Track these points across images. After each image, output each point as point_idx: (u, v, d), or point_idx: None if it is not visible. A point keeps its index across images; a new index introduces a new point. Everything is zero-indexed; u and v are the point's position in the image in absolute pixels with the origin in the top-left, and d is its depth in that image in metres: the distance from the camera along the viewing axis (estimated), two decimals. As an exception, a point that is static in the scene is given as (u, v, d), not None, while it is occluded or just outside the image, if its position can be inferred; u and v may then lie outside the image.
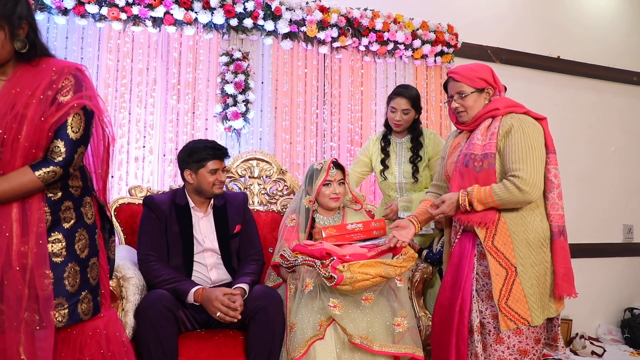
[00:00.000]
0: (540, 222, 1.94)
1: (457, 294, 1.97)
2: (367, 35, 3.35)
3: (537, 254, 1.91)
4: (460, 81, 2.02)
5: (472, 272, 1.97)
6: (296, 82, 3.27)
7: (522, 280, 1.87)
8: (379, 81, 3.50)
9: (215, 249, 2.34)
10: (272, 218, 2.82)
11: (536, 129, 1.94)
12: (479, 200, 1.89)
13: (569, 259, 1.94)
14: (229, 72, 3.05)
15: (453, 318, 1.96)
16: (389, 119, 2.75)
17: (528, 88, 4.04)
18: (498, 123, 1.96)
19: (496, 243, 1.91)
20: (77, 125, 1.55)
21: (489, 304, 1.92)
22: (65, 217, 1.58)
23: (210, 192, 2.32)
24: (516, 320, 1.86)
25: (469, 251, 1.98)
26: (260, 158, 2.90)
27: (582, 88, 4.29)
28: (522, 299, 1.87)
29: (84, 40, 2.87)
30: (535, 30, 4.13)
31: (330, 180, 2.42)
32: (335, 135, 3.36)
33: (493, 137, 1.94)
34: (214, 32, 3.07)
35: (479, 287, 1.96)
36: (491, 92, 2.04)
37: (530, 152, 1.88)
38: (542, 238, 1.93)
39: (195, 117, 3.05)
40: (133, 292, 2.11)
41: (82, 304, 1.57)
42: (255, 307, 2.09)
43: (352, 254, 2.06)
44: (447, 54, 3.60)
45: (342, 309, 2.01)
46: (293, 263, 2.05)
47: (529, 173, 1.85)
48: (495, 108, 1.99)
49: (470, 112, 2.03)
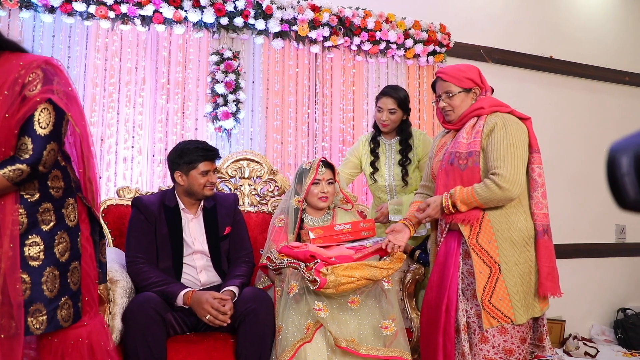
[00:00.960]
0: (524, 221, 1.95)
1: (443, 294, 1.98)
2: (359, 34, 3.34)
3: (521, 252, 1.92)
4: (448, 81, 2.06)
5: (458, 271, 1.98)
6: (287, 81, 3.26)
7: (506, 279, 1.89)
8: (371, 81, 3.49)
9: (204, 251, 2.32)
10: (262, 219, 2.80)
11: (519, 127, 1.96)
12: (462, 200, 1.91)
13: (553, 258, 1.96)
14: (219, 71, 3.04)
15: (440, 318, 1.97)
16: (376, 118, 2.75)
17: (521, 88, 4.05)
18: (483, 122, 1.99)
19: (480, 241, 1.92)
20: (46, 121, 1.50)
21: (474, 303, 1.93)
22: (43, 219, 1.54)
23: (202, 193, 2.30)
24: (499, 319, 1.87)
25: (455, 250, 2.00)
26: (251, 158, 2.89)
27: (575, 88, 4.30)
28: (506, 297, 1.88)
29: (71, 39, 2.84)
30: (529, 30, 4.13)
31: (319, 180, 2.41)
32: (326, 135, 3.35)
33: (477, 136, 1.96)
34: (204, 31, 3.05)
35: (464, 286, 1.97)
36: (478, 92, 2.07)
37: (512, 151, 1.90)
38: (526, 237, 1.94)
39: (185, 117, 3.04)
40: (121, 295, 2.08)
41: (61, 310, 1.53)
42: (245, 309, 2.07)
43: (338, 255, 2.05)
44: (440, 54, 3.60)
45: (327, 311, 2.00)
46: (279, 265, 2.04)
47: (509, 170, 1.87)
48: (480, 107, 2.02)
49: (457, 112, 2.07)
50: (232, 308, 2.08)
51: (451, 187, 1.98)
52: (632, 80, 4.50)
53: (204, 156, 2.29)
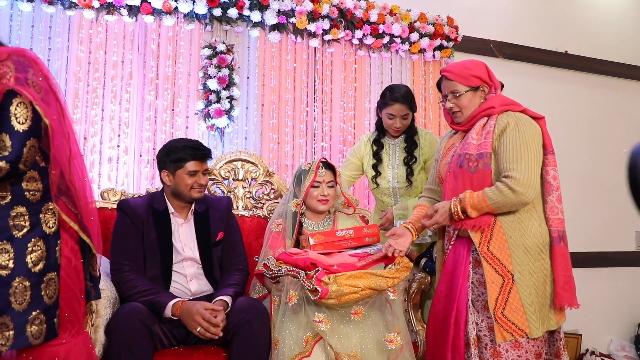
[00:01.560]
0: (538, 227, 1.95)
1: (451, 305, 1.97)
2: (361, 27, 3.34)
3: (535, 260, 1.92)
4: (454, 80, 2.05)
5: (467, 281, 1.97)
6: (284, 77, 3.26)
7: (520, 289, 1.88)
8: (374, 77, 3.49)
9: (195, 258, 2.32)
10: (257, 224, 2.80)
11: (533, 127, 1.96)
12: (473, 206, 1.90)
13: (569, 266, 1.95)
14: (211, 66, 3.03)
15: (448, 331, 1.95)
16: (386, 125, 2.73)
17: (533, 85, 4.04)
18: (494, 122, 1.98)
19: (492, 248, 1.92)
20: (23, 116, 1.47)
21: (485, 315, 1.92)
22: (15, 224, 1.50)
23: (188, 195, 2.29)
24: (513, 332, 1.86)
25: (464, 258, 1.99)
26: (245, 159, 2.89)
27: (592, 85, 4.29)
28: (520, 308, 1.87)
29: (52, 29, 2.83)
30: (542, 24, 4.13)
31: (319, 182, 2.41)
32: (326, 134, 3.35)
33: (489, 136, 1.96)
34: (196, 23, 3.04)
35: (474, 296, 1.96)
36: (486, 90, 2.07)
37: (525, 152, 1.90)
38: (540, 244, 1.94)
39: (174, 114, 3.03)
40: (104, 305, 2.07)
41: (31, 326, 1.48)
42: (239, 321, 2.06)
43: (340, 263, 2.04)
44: (447, 48, 3.60)
45: (328, 324, 1.98)
46: (276, 273, 2.03)
47: (523, 173, 1.87)
48: (490, 106, 2.01)
49: (466, 112, 2.06)
50: (224, 319, 2.07)
51: (460, 191, 1.97)
52: (656, 77, 4.50)
53: (193, 155, 2.28)
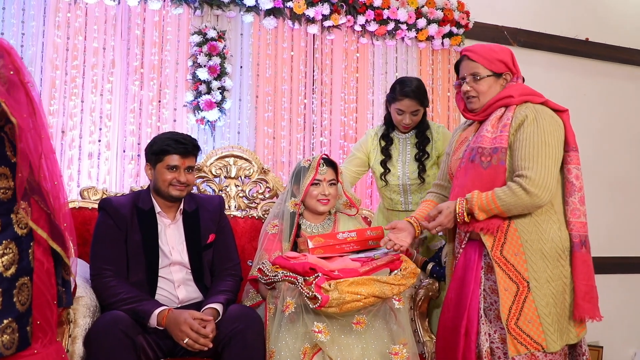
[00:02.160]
0: (558, 231, 1.93)
1: (462, 314, 1.96)
2: (363, 12, 3.33)
3: (554, 267, 1.90)
4: (477, 61, 2.03)
5: (479, 288, 1.96)
6: (281, 67, 3.26)
7: (536, 298, 1.87)
8: (377, 67, 3.49)
9: (184, 262, 2.31)
10: (251, 225, 2.80)
11: (554, 122, 1.94)
12: (480, 207, 1.89)
13: (592, 275, 1.93)
14: (201, 54, 3.02)
15: (458, 342, 1.94)
16: (395, 121, 2.75)
17: (551, 75, 4.03)
18: (511, 113, 1.96)
19: (505, 253, 1.90)
20: None
21: (498, 326, 1.91)
22: None
23: (166, 192, 2.27)
24: (528, 345, 1.84)
25: (475, 263, 1.98)
26: (238, 155, 2.89)
27: (616, 76, 4.29)
28: (536, 319, 1.86)
29: (25, 12, 2.82)
30: (561, 9, 4.12)
31: (319, 180, 2.41)
32: (325, 129, 3.35)
33: (505, 130, 1.94)
34: (184, 7, 3.04)
35: (486, 305, 1.95)
36: (508, 79, 2.05)
37: (543, 149, 1.88)
38: (559, 249, 1.92)
39: (161, 106, 3.03)
40: (83, 314, 2.05)
41: (3, 335, 1.48)
42: (231, 331, 2.05)
43: (341, 269, 2.03)
44: (457, 36, 3.60)
45: (328, 334, 1.97)
46: (272, 279, 2.02)
47: (539, 172, 1.85)
48: (508, 95, 1.99)
49: (482, 99, 2.04)
50: (214, 330, 2.06)
51: (469, 187, 1.95)
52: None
53: (174, 148, 2.25)
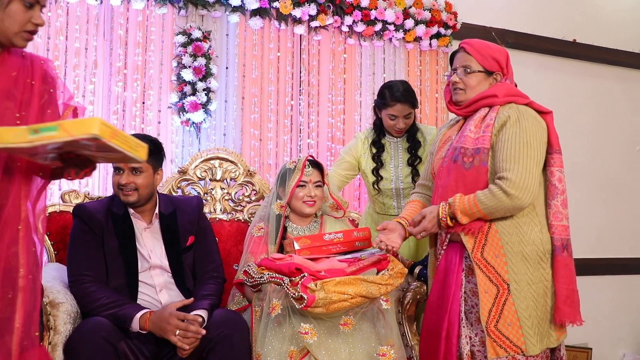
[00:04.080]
0: (539, 233, 1.94)
1: (443, 317, 1.97)
2: (351, 13, 3.33)
3: (534, 270, 1.91)
4: (472, 54, 2.06)
5: (460, 291, 1.96)
6: (267, 67, 3.25)
7: (516, 301, 1.88)
8: (365, 68, 3.50)
9: (164, 265, 2.28)
10: (237, 228, 2.79)
11: (537, 123, 1.95)
12: (463, 211, 1.90)
13: (573, 278, 1.94)
14: (186, 54, 3.01)
15: (439, 345, 1.96)
16: (388, 126, 2.76)
17: (539, 76, 4.05)
18: (495, 114, 1.98)
19: (486, 255, 1.91)
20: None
21: (479, 329, 1.92)
22: None
23: (117, 192, 2.22)
24: (507, 348, 1.85)
25: (456, 265, 1.98)
26: (224, 157, 2.88)
27: (604, 76, 4.31)
28: (516, 322, 1.87)
29: (6, 12, 2.80)
30: (548, 10, 4.14)
31: (305, 182, 2.42)
32: (313, 130, 3.35)
33: (487, 130, 1.95)
34: (169, 6, 3.02)
35: (467, 308, 1.96)
36: (499, 79, 2.07)
37: (525, 150, 1.89)
38: (541, 252, 1.93)
39: (145, 107, 3.02)
40: (64, 321, 2.03)
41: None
42: (216, 336, 2.03)
43: (328, 269, 2.03)
44: (445, 37, 3.61)
45: (315, 335, 1.98)
46: (258, 280, 2.02)
47: (520, 174, 1.86)
48: (493, 94, 2.00)
49: (469, 93, 2.06)
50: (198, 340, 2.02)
51: (451, 188, 1.97)
52: (670, 67, 4.53)
53: None
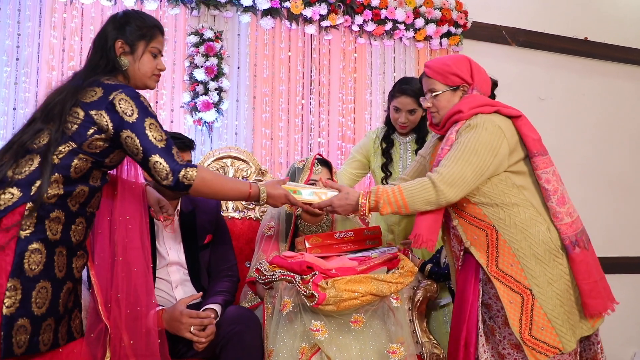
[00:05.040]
0: (547, 231, 1.92)
1: (461, 326, 1.99)
2: (361, 12, 3.34)
3: (552, 268, 1.90)
4: (432, 77, 2.05)
5: (477, 301, 1.97)
6: (278, 67, 3.26)
7: (542, 303, 1.87)
8: (375, 67, 3.50)
9: (181, 262, 2.31)
10: (249, 227, 2.81)
11: (495, 131, 1.91)
12: (387, 200, 1.91)
13: (592, 271, 1.91)
14: (198, 54, 3.04)
15: (459, 353, 1.98)
16: (392, 119, 2.75)
17: (550, 75, 4.06)
18: (458, 128, 1.97)
19: (501, 266, 1.91)
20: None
21: (507, 332, 1.91)
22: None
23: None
24: (546, 352, 1.84)
25: (473, 277, 1.99)
26: (235, 156, 2.90)
27: (615, 75, 4.29)
28: (547, 325, 1.85)
29: (21, 13, 2.82)
30: (559, 8, 4.13)
31: (314, 180, 2.40)
32: (323, 130, 3.35)
33: (447, 144, 1.97)
34: (181, 7, 3.05)
35: (489, 316, 1.96)
36: (466, 90, 2.05)
37: (468, 155, 1.88)
38: (552, 249, 1.91)
39: (158, 107, 3.03)
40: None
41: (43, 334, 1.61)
42: (229, 332, 2.05)
43: (338, 267, 2.04)
44: (455, 36, 3.61)
45: (326, 332, 1.98)
46: (270, 278, 2.02)
47: (452, 171, 1.87)
48: (458, 111, 1.99)
49: (442, 113, 2.06)
50: (214, 332, 2.06)
51: None
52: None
53: None
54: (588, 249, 1.94)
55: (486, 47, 3.84)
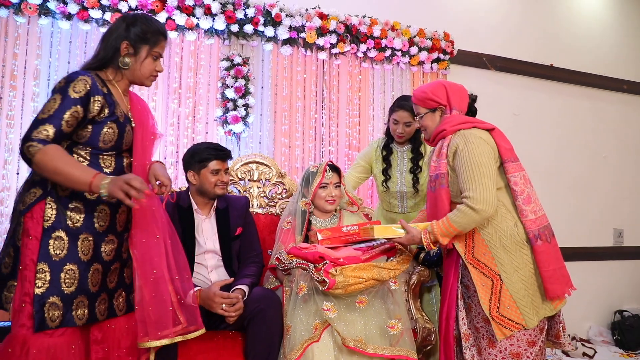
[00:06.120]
0: (514, 227, 1.91)
1: (444, 303, 2.00)
2: (365, 41, 3.33)
3: (518, 257, 1.89)
4: (416, 103, 2.10)
5: (457, 282, 1.97)
6: (295, 87, 3.26)
7: (509, 287, 1.86)
8: (377, 87, 3.48)
9: (216, 250, 2.32)
10: (271, 220, 2.80)
11: (482, 142, 1.91)
12: (442, 234, 1.89)
13: (551, 260, 1.89)
14: (229, 76, 3.03)
15: (441, 326, 1.99)
16: (391, 130, 2.73)
17: (524, 95, 4.04)
18: (447, 143, 1.98)
19: (476, 255, 1.91)
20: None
21: (480, 309, 1.91)
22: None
23: (213, 192, 2.30)
24: (511, 327, 1.84)
25: (454, 262, 2.00)
26: (259, 161, 2.89)
27: (576, 95, 4.28)
28: (513, 305, 1.85)
29: (87, 45, 2.83)
30: (530, 39, 4.12)
31: (326, 183, 2.41)
32: (333, 139, 3.34)
33: (442, 157, 1.97)
34: (215, 38, 3.05)
35: (468, 295, 1.96)
36: (444, 110, 2.05)
37: (477, 169, 1.87)
38: (519, 242, 1.90)
39: (195, 120, 3.03)
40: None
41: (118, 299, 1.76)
42: (254, 309, 2.07)
43: (346, 257, 2.04)
44: (444, 61, 3.59)
45: (335, 312, 1.99)
46: (288, 266, 2.03)
47: (478, 191, 1.85)
48: (442, 129, 2.01)
49: (429, 130, 2.08)
50: (242, 307, 2.07)
51: (430, 209, 2.02)
52: (630, 88, 4.48)
53: (215, 155, 2.30)
54: (550, 242, 1.92)
55: (470, 70, 3.82)
